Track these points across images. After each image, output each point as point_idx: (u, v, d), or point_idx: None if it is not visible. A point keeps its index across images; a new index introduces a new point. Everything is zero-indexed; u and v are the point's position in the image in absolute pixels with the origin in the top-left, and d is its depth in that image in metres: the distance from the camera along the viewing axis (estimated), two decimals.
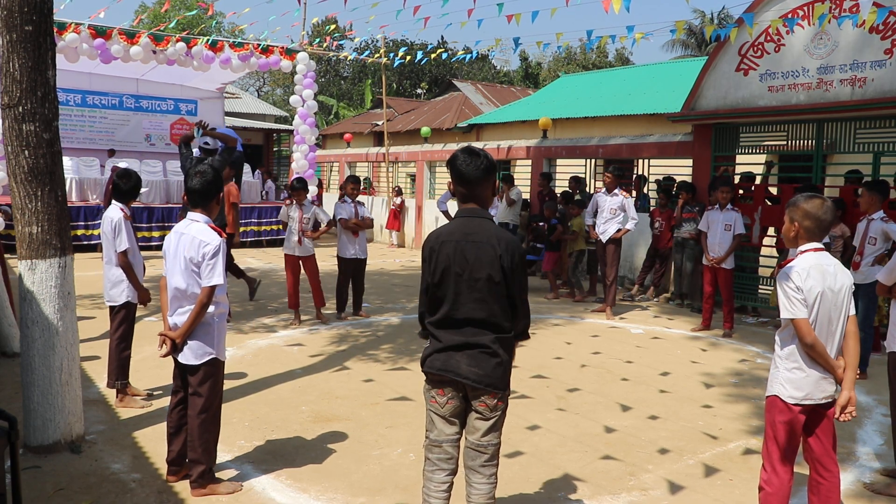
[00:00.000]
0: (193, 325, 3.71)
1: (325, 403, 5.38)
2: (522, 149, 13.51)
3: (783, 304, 3.11)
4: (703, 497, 3.95)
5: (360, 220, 8.41)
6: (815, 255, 3.14)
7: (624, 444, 4.68)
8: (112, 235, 5.15)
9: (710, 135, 9.87)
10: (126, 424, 4.82)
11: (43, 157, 4.16)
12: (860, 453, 4.65)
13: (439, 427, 3.00)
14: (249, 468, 4.17)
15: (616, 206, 8.90)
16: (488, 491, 3.00)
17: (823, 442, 3.22)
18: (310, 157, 15.02)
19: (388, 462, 4.32)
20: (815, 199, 3.15)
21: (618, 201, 8.90)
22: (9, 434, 2.80)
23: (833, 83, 8.14)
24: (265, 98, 44.10)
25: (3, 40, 4.07)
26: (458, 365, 2.90)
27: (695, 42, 34.80)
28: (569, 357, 6.94)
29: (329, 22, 20.03)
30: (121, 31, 12.85)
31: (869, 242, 6.47)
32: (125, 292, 5.23)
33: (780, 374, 3.18)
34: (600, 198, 9.07)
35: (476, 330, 2.90)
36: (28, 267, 4.21)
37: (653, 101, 16.85)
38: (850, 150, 8.52)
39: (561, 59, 42.09)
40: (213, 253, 3.68)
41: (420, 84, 40.32)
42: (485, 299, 2.88)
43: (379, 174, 21.23)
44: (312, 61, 15.02)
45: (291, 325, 7.95)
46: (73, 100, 16.04)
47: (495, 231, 2.93)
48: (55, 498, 3.71)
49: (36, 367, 4.22)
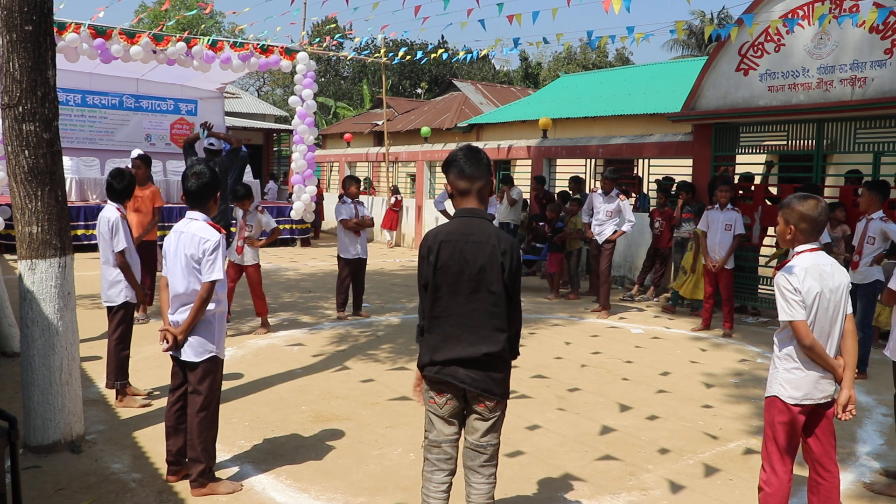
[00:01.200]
0: (195, 321, 3.73)
1: (326, 403, 5.38)
2: (522, 149, 13.51)
3: (781, 307, 3.10)
4: (703, 497, 3.95)
5: (361, 220, 8.40)
6: (812, 255, 3.14)
7: (624, 444, 4.68)
8: (109, 235, 5.15)
9: (710, 135, 9.87)
10: (126, 424, 4.82)
11: (43, 157, 4.16)
12: (860, 453, 4.65)
13: (438, 427, 3.00)
14: (249, 468, 4.17)
15: (612, 209, 8.90)
16: (488, 491, 3.00)
17: (823, 442, 3.22)
18: (309, 157, 15.00)
19: (388, 462, 4.32)
20: (809, 200, 3.14)
21: (614, 205, 8.89)
22: (9, 434, 2.80)
23: (833, 83, 8.14)
24: (265, 98, 44.08)
25: (3, 40, 4.07)
26: (456, 371, 2.90)
27: (695, 42, 34.81)
28: (569, 357, 6.94)
29: (329, 22, 20.05)
30: (121, 32, 12.84)
31: (868, 242, 6.48)
32: (123, 292, 5.22)
33: (780, 374, 3.18)
34: (596, 199, 9.06)
35: (475, 335, 2.89)
36: (28, 267, 4.21)
37: (653, 101, 16.85)
38: (850, 150, 8.52)
39: (561, 59, 42.10)
40: (213, 248, 3.73)
41: (420, 84, 40.32)
42: (484, 300, 2.88)
43: (379, 174, 21.24)
44: (312, 61, 15.01)
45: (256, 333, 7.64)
46: (73, 100, 16.02)
47: (495, 232, 2.92)
48: (55, 498, 3.71)
49: (36, 366, 4.22)
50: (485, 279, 2.87)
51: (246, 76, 36.75)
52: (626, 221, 8.94)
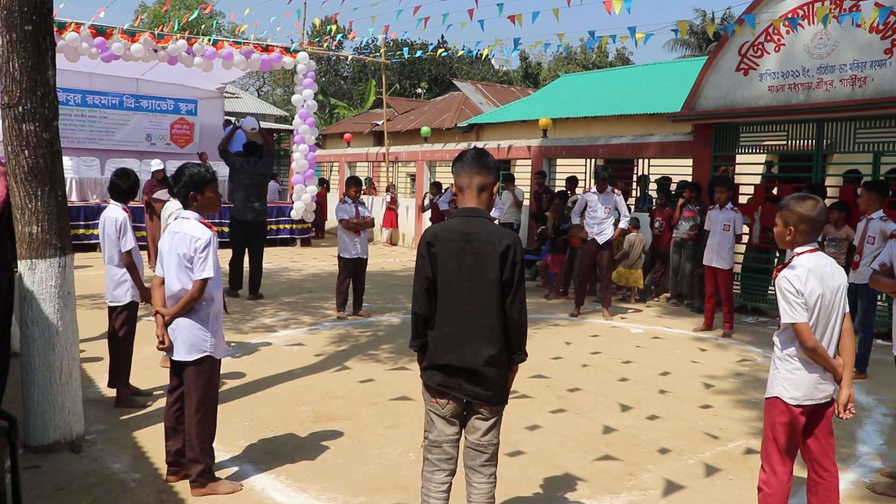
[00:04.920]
0: (181, 311, 3.75)
1: (326, 403, 5.38)
2: (522, 149, 13.50)
3: (783, 309, 3.09)
4: (703, 497, 3.95)
5: (361, 220, 8.41)
6: (812, 256, 3.13)
7: (624, 444, 4.68)
8: (117, 235, 5.13)
9: (711, 134, 9.87)
10: (126, 424, 4.82)
11: (43, 157, 4.16)
12: (860, 453, 4.65)
13: (439, 427, 3.00)
14: (249, 468, 4.17)
15: (611, 205, 8.85)
16: (488, 490, 3.00)
17: (822, 442, 3.21)
18: (309, 156, 15.01)
19: (388, 462, 4.32)
20: (807, 201, 3.12)
21: (611, 200, 8.85)
22: (9, 434, 2.80)
23: (833, 83, 8.14)
24: (265, 98, 44.07)
25: (3, 40, 4.07)
26: (459, 384, 2.90)
27: (695, 42, 34.80)
28: (569, 357, 6.94)
29: (329, 22, 20.04)
30: (121, 31, 12.84)
31: (868, 242, 6.48)
32: (129, 292, 5.22)
33: (781, 375, 3.17)
34: (590, 197, 8.92)
35: (474, 337, 2.88)
36: (28, 267, 4.22)
37: (653, 101, 16.84)
38: (850, 149, 8.52)
39: (561, 59, 42.06)
40: (205, 246, 3.74)
41: (420, 84, 40.31)
42: (483, 300, 2.87)
43: (379, 174, 21.23)
44: (312, 61, 15.02)
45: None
46: (73, 100, 16.01)
47: (496, 229, 2.91)
48: (55, 498, 3.71)
49: (36, 366, 4.22)
50: (484, 278, 2.86)
51: (246, 76, 36.78)
52: (623, 217, 8.91)
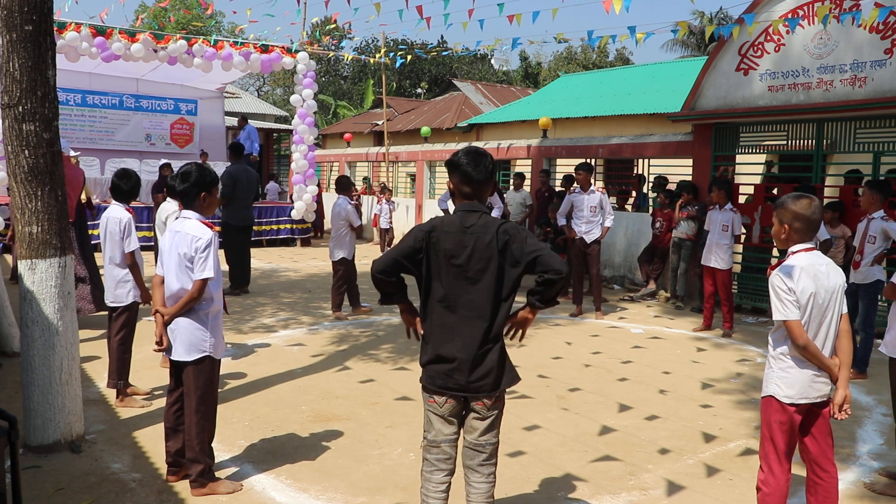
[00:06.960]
0: (180, 311, 3.75)
1: (326, 403, 5.38)
2: (522, 148, 13.50)
3: (775, 306, 3.10)
4: (703, 497, 3.95)
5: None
6: (808, 255, 3.13)
7: (624, 444, 4.68)
8: (121, 236, 5.13)
9: (710, 134, 9.86)
10: (126, 424, 4.82)
11: (43, 157, 4.16)
12: (860, 453, 4.65)
13: (437, 427, 3.00)
14: (249, 467, 4.17)
15: (595, 203, 8.81)
16: (487, 490, 3.00)
17: (820, 442, 3.21)
18: (309, 156, 15.02)
19: (388, 462, 4.32)
20: (802, 199, 3.13)
21: (596, 199, 8.80)
22: (9, 434, 2.80)
23: (833, 83, 8.14)
24: (265, 98, 44.08)
25: (3, 40, 4.07)
26: (458, 382, 2.90)
27: (695, 42, 34.78)
28: (569, 357, 6.94)
29: (329, 22, 20.04)
30: (122, 31, 12.85)
31: (868, 241, 6.47)
32: (131, 292, 5.23)
33: (774, 373, 3.17)
34: (576, 197, 8.87)
35: (473, 330, 2.89)
36: (28, 267, 4.22)
37: (653, 101, 16.83)
38: (850, 149, 8.52)
39: (561, 59, 42.04)
40: (205, 246, 3.74)
41: (420, 84, 40.29)
42: (482, 289, 2.88)
43: (379, 174, 21.23)
44: (312, 61, 15.02)
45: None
46: (73, 99, 16.01)
47: (493, 220, 2.91)
48: (55, 498, 3.72)
49: (36, 366, 4.22)
50: (482, 268, 2.86)
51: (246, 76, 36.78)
52: (608, 216, 8.85)
